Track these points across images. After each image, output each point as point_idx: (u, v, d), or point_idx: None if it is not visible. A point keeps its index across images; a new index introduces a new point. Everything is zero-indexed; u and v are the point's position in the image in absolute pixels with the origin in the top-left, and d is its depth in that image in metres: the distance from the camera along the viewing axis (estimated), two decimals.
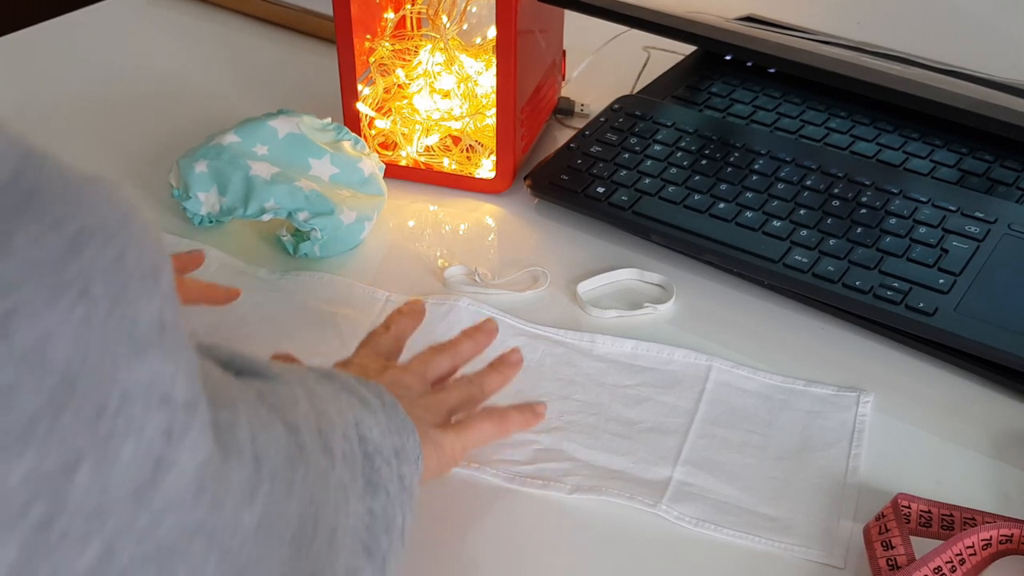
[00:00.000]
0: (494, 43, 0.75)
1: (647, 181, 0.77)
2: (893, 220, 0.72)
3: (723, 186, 0.76)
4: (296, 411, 0.36)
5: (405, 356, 0.59)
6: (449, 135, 0.83)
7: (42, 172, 0.23)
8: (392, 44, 0.83)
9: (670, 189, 0.76)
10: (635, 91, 0.90)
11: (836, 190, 0.75)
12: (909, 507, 0.53)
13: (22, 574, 0.22)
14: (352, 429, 0.42)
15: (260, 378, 0.37)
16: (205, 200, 0.74)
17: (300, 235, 0.73)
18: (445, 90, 0.83)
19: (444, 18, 0.81)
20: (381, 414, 0.45)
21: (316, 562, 0.34)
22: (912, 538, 0.52)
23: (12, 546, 0.21)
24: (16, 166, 0.23)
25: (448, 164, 0.82)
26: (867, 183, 0.75)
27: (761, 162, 0.78)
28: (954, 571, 0.49)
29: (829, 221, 0.72)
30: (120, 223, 0.25)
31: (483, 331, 0.60)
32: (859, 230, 0.71)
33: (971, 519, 0.53)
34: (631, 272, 0.73)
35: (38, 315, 0.22)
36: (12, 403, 0.21)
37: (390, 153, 0.83)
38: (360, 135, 0.80)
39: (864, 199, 0.74)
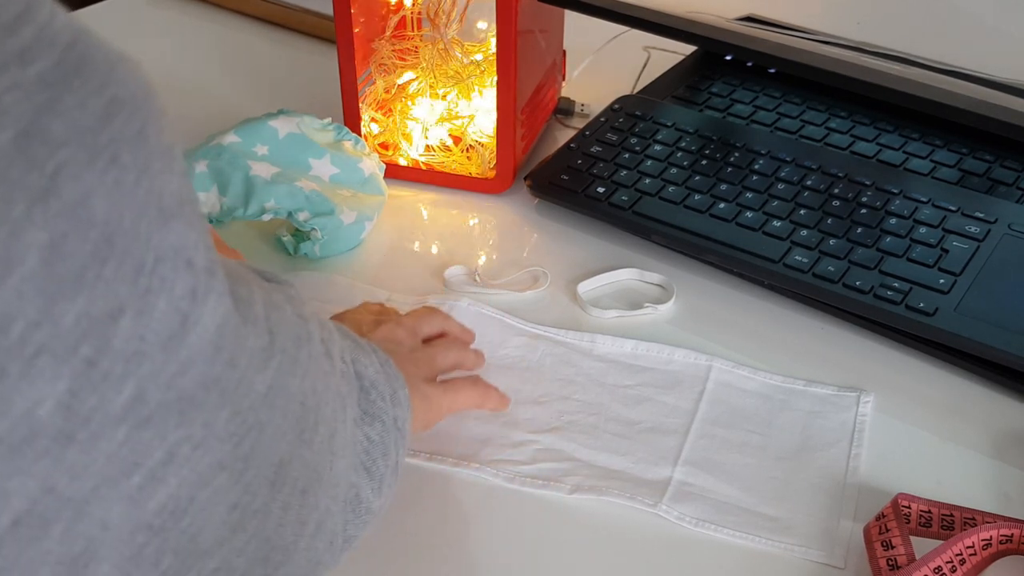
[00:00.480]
0: (494, 43, 0.75)
1: (647, 181, 0.77)
2: (893, 220, 0.72)
3: (723, 186, 0.76)
4: (304, 308, 0.38)
5: None
6: (449, 135, 0.83)
7: (90, 43, 0.26)
8: (392, 44, 0.83)
9: (670, 189, 0.76)
10: (635, 91, 0.90)
11: (836, 190, 0.75)
12: (909, 507, 0.53)
13: (70, 405, 0.24)
14: (348, 358, 0.44)
15: (275, 282, 0.40)
16: (205, 200, 0.74)
17: (300, 235, 0.73)
18: (445, 90, 0.83)
19: (444, 18, 0.81)
20: (376, 361, 0.48)
21: (317, 456, 0.36)
22: (912, 538, 0.52)
23: (64, 379, 0.24)
24: (73, 35, 0.25)
25: (448, 164, 0.82)
26: (867, 183, 0.75)
27: (761, 162, 0.78)
28: (954, 571, 0.49)
29: (829, 221, 0.72)
30: (144, 98, 0.27)
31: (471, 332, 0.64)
32: (859, 230, 0.71)
33: (971, 519, 0.53)
34: (631, 272, 0.73)
35: (80, 174, 0.24)
36: (65, 252, 0.24)
37: (390, 153, 0.83)
38: (360, 135, 0.80)
39: (864, 199, 0.74)
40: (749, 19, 0.98)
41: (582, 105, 0.90)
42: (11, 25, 0.23)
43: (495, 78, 0.76)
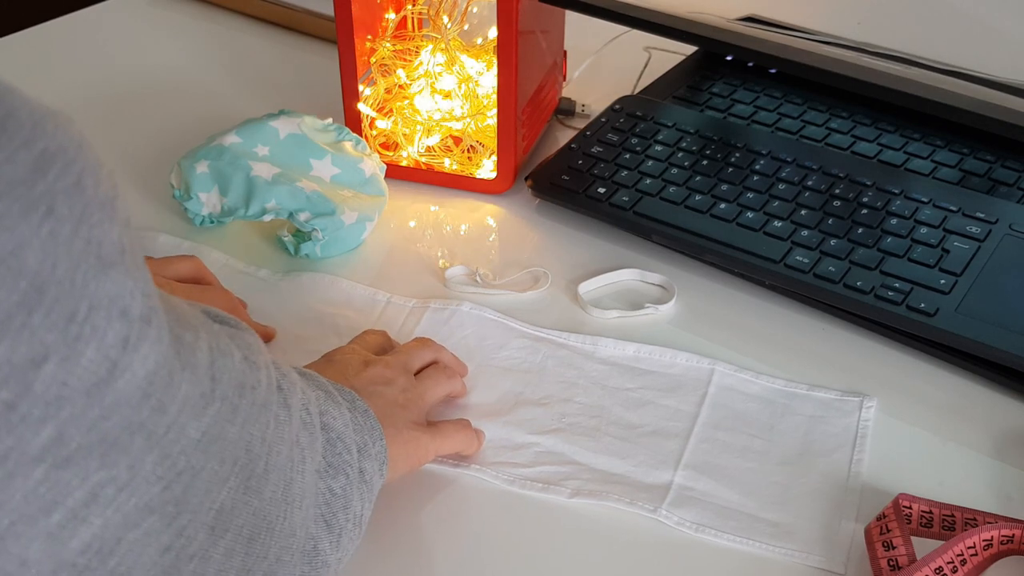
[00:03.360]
0: (495, 43, 0.75)
1: (648, 181, 0.77)
2: (894, 220, 0.72)
3: (724, 186, 0.76)
4: (259, 357, 0.38)
5: None
6: (450, 135, 0.83)
7: (14, 100, 0.26)
8: (393, 44, 0.83)
9: (671, 189, 0.76)
10: (636, 91, 0.90)
11: (837, 190, 0.75)
12: (910, 507, 0.53)
13: None
14: (315, 408, 0.44)
15: (230, 327, 0.39)
16: (206, 201, 0.74)
17: (301, 236, 0.73)
18: (446, 90, 0.83)
19: (445, 18, 0.81)
20: (347, 413, 0.47)
21: (267, 505, 0.36)
22: (913, 538, 0.52)
23: None
24: None
25: (449, 164, 0.82)
26: (868, 183, 0.75)
27: (762, 162, 0.78)
28: (955, 571, 0.49)
29: (830, 221, 0.72)
30: (76, 150, 0.28)
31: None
32: (860, 230, 0.71)
33: (972, 519, 0.53)
34: (632, 272, 0.73)
35: (13, 226, 0.25)
36: None
37: (391, 154, 0.83)
38: (361, 135, 0.80)
39: (865, 199, 0.74)
40: (750, 19, 0.98)
41: (583, 105, 0.90)
42: None
43: (496, 78, 0.76)
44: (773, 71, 0.90)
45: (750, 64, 0.91)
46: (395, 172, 0.81)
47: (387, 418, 0.52)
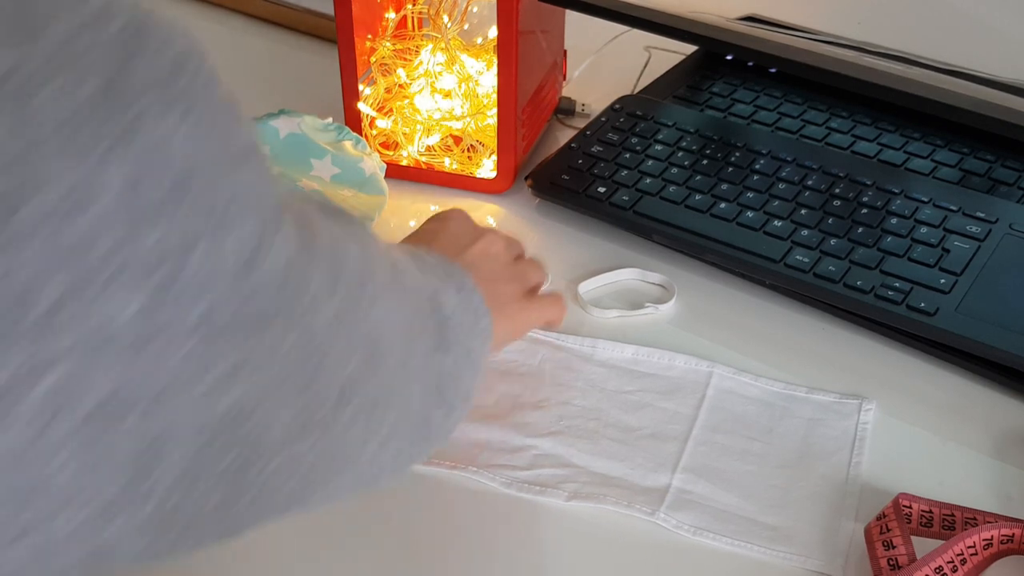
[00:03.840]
0: (495, 43, 0.75)
1: (648, 181, 0.77)
2: (894, 220, 0.72)
3: (724, 186, 0.76)
4: (374, 247, 0.41)
5: None
6: (450, 135, 0.83)
7: (147, 9, 0.29)
8: (393, 44, 0.83)
9: (671, 189, 0.76)
10: (636, 91, 0.90)
11: (837, 190, 0.75)
12: (910, 507, 0.53)
13: (145, 317, 0.27)
14: (427, 291, 0.47)
15: (344, 219, 0.42)
16: None
17: None
18: (446, 90, 0.83)
19: (445, 18, 0.81)
20: (456, 294, 0.50)
21: (386, 380, 0.39)
22: (913, 538, 0.52)
23: (141, 295, 0.27)
24: (134, 3, 0.29)
25: (449, 164, 0.82)
26: (868, 183, 0.75)
27: (762, 162, 0.78)
28: (955, 571, 0.49)
29: (830, 221, 0.72)
30: (202, 56, 0.30)
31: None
32: (860, 230, 0.71)
33: (972, 519, 0.53)
34: (632, 272, 0.73)
35: (159, 120, 0.27)
36: (144, 187, 0.26)
37: (391, 153, 0.83)
38: (361, 135, 0.80)
39: (865, 199, 0.74)
40: (750, 19, 0.98)
41: (583, 105, 0.90)
42: None
43: (496, 78, 0.76)
44: (773, 71, 0.90)
45: (750, 64, 0.91)
46: (395, 171, 0.81)
47: (492, 292, 0.55)
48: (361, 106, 0.81)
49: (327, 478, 0.37)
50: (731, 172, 0.77)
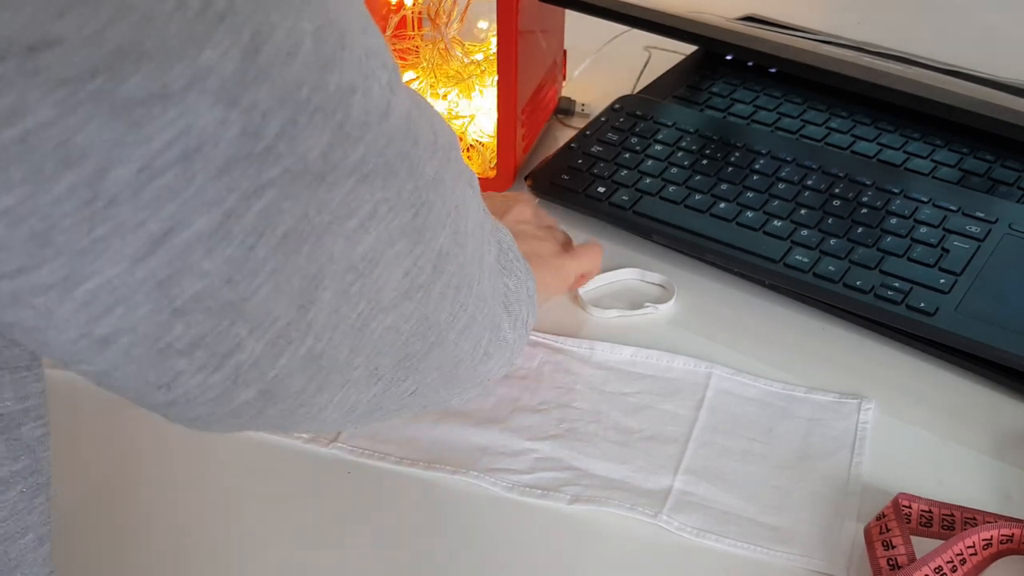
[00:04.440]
0: (495, 43, 0.75)
1: (648, 181, 0.77)
2: (894, 220, 0.72)
3: (724, 186, 0.76)
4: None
5: None
6: None
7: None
8: (393, 44, 0.83)
9: (671, 189, 0.76)
10: (636, 91, 0.90)
11: (837, 190, 0.75)
12: (910, 507, 0.53)
13: (326, 154, 0.31)
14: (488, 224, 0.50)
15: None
16: None
17: None
18: (445, 90, 0.83)
19: (445, 18, 0.81)
20: (508, 238, 0.54)
21: (468, 263, 0.42)
22: (913, 538, 0.52)
23: (327, 133, 0.30)
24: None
25: None
26: (868, 183, 0.75)
27: (762, 162, 0.78)
28: (955, 571, 0.49)
29: (830, 221, 0.72)
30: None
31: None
32: (860, 230, 0.71)
33: (972, 519, 0.53)
34: (632, 272, 0.73)
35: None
36: (324, 38, 0.30)
37: None
38: None
39: (865, 199, 0.74)
40: (749, 19, 0.98)
41: (582, 105, 0.90)
42: None
43: (495, 78, 0.76)
44: (773, 71, 0.90)
45: (750, 64, 0.91)
46: None
47: (531, 250, 0.61)
48: None
49: (422, 351, 0.41)
50: (731, 172, 0.77)
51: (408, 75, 0.83)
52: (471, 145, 0.83)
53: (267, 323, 0.31)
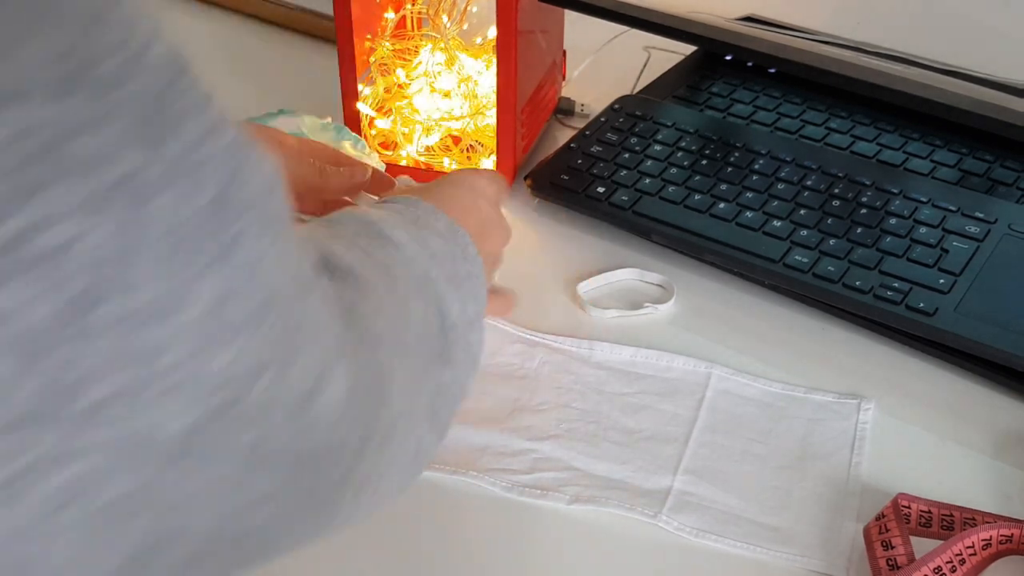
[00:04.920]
0: (494, 43, 0.75)
1: (647, 181, 0.77)
2: (893, 220, 0.72)
3: (723, 186, 0.76)
4: (362, 310, 0.39)
5: None
6: (449, 135, 0.83)
7: (245, 125, 0.30)
8: (392, 44, 0.83)
9: (670, 189, 0.76)
10: (635, 91, 0.90)
11: (836, 190, 0.75)
12: (909, 507, 0.53)
13: (193, 433, 0.26)
14: (434, 306, 0.45)
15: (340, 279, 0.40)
16: None
17: None
18: (445, 90, 0.83)
19: (444, 18, 0.81)
20: (463, 264, 0.49)
21: (393, 457, 0.38)
22: (912, 538, 0.52)
23: (195, 413, 0.26)
24: (231, 115, 0.28)
25: (448, 164, 0.82)
26: (867, 183, 0.75)
27: (761, 162, 0.78)
28: (954, 571, 0.49)
29: (829, 221, 0.72)
30: (281, 174, 0.30)
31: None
32: (859, 230, 0.71)
33: (971, 519, 0.53)
34: (631, 272, 0.73)
35: (258, 239, 0.27)
36: (233, 306, 0.26)
37: (390, 153, 0.83)
38: (360, 135, 0.80)
39: (864, 199, 0.74)
40: (749, 19, 0.98)
41: (582, 105, 0.90)
42: (208, 98, 0.26)
43: (495, 78, 0.76)
44: (772, 71, 0.90)
45: (749, 64, 0.91)
46: (394, 171, 0.81)
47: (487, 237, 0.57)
48: (360, 106, 0.81)
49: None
50: (730, 172, 0.77)
51: (408, 75, 0.83)
52: (471, 145, 0.83)
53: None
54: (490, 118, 0.80)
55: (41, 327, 0.23)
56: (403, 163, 0.82)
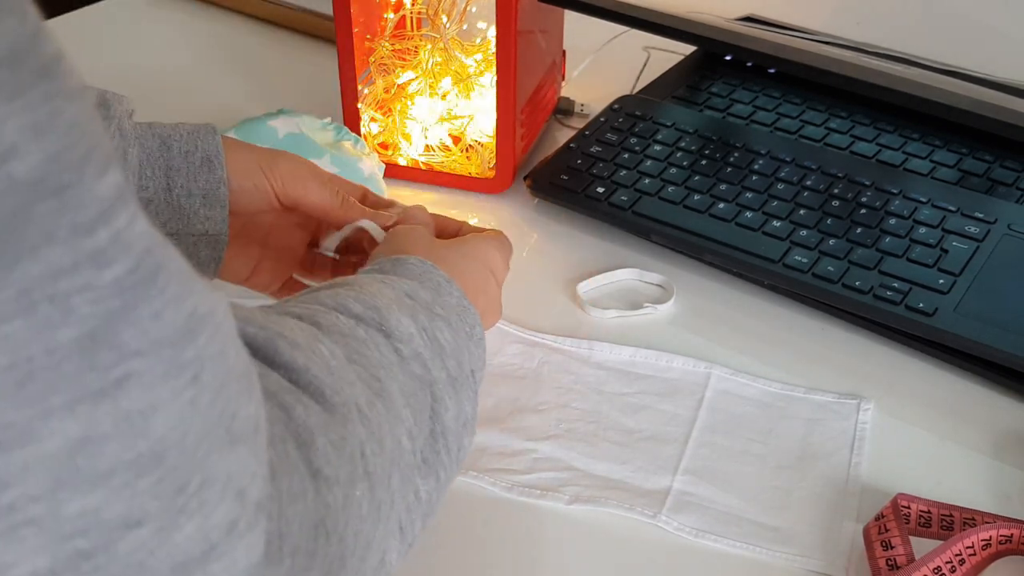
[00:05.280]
0: (494, 43, 0.75)
1: (647, 181, 0.77)
2: (893, 220, 0.72)
3: (723, 186, 0.76)
4: (372, 411, 0.37)
5: None
6: (449, 135, 0.83)
7: (167, 253, 0.25)
8: (392, 44, 0.83)
9: (670, 189, 0.76)
10: (635, 91, 0.90)
11: (836, 190, 0.75)
12: (909, 507, 0.53)
13: None
14: (426, 412, 0.43)
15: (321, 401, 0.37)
16: None
17: None
18: (445, 90, 0.83)
19: (444, 18, 0.81)
20: (453, 329, 0.47)
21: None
22: (912, 538, 0.52)
23: (47, 557, 0.24)
24: (150, 243, 0.25)
25: (448, 164, 0.82)
26: (867, 183, 0.75)
27: (761, 162, 0.78)
28: (954, 571, 0.49)
29: (829, 221, 0.72)
30: (224, 316, 0.27)
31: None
32: (859, 230, 0.71)
33: (971, 519, 0.53)
34: (631, 272, 0.73)
35: (152, 387, 0.24)
36: (99, 452, 0.23)
37: (390, 153, 0.83)
38: (360, 135, 0.80)
39: (864, 199, 0.74)
40: (749, 19, 0.98)
41: (582, 105, 0.90)
42: (89, 226, 0.23)
43: (495, 78, 0.76)
44: (772, 71, 0.90)
45: (749, 64, 0.91)
46: (394, 171, 0.81)
47: (487, 310, 0.55)
48: (360, 106, 0.81)
49: None
50: (730, 172, 0.77)
51: (407, 75, 0.83)
52: (470, 145, 0.83)
53: None
54: (490, 118, 0.80)
55: None
56: (402, 163, 0.82)
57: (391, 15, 0.83)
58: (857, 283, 0.67)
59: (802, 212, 0.73)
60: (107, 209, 0.24)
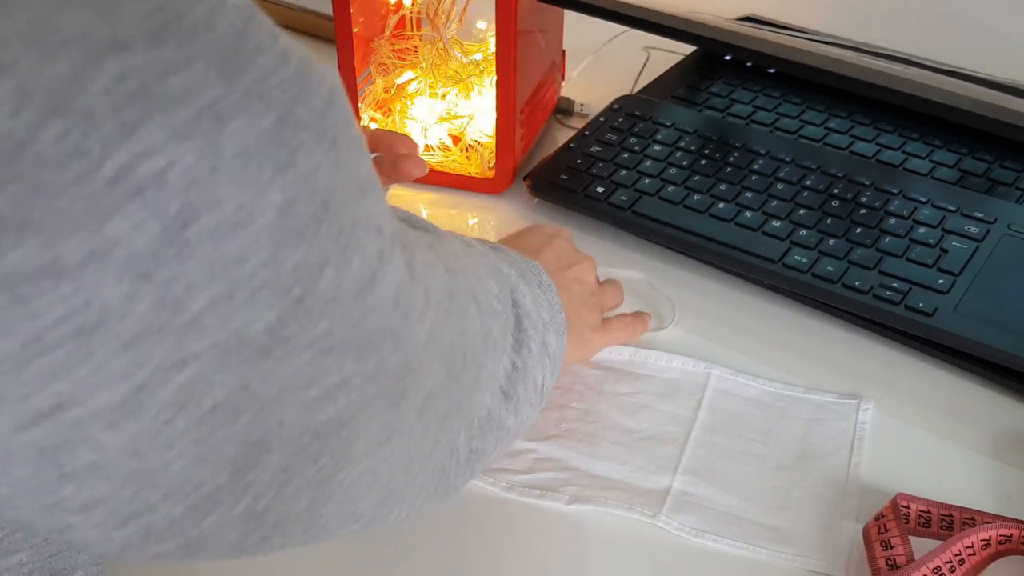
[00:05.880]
0: (494, 43, 0.75)
1: (647, 181, 0.77)
2: (892, 220, 0.72)
3: (723, 186, 0.76)
4: (456, 263, 0.44)
5: None
6: (449, 135, 0.83)
7: (308, 55, 0.31)
8: (392, 44, 0.83)
9: (670, 189, 0.76)
10: (635, 91, 0.90)
11: (836, 190, 0.75)
12: (908, 507, 0.53)
13: (275, 329, 0.29)
14: (507, 292, 0.49)
15: (429, 234, 0.44)
16: None
17: None
18: (445, 90, 0.83)
19: (444, 18, 0.81)
20: (536, 289, 0.53)
21: (463, 390, 0.42)
22: (911, 538, 0.52)
23: (276, 309, 0.29)
24: (297, 45, 0.31)
25: (448, 164, 0.82)
26: (867, 183, 0.75)
27: (761, 162, 0.78)
28: (953, 571, 0.49)
29: (829, 221, 0.72)
30: (343, 92, 0.32)
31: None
32: (859, 230, 0.71)
33: (970, 519, 0.53)
34: (635, 273, 0.73)
35: (312, 151, 0.29)
36: (294, 211, 0.29)
37: None
38: None
39: (864, 199, 0.74)
40: (749, 19, 0.98)
41: (581, 105, 0.90)
42: (273, 35, 0.29)
43: (495, 78, 0.76)
44: (772, 71, 0.90)
45: (749, 64, 0.91)
46: None
47: (575, 313, 0.60)
48: (360, 106, 0.81)
49: (405, 485, 0.39)
50: (730, 172, 0.77)
51: (407, 75, 0.83)
52: (470, 145, 0.83)
53: (187, 489, 0.29)
54: (489, 118, 0.80)
55: (147, 250, 0.26)
56: None
57: (391, 15, 0.83)
58: (857, 283, 0.67)
59: (802, 212, 0.73)
60: (275, 28, 0.30)
